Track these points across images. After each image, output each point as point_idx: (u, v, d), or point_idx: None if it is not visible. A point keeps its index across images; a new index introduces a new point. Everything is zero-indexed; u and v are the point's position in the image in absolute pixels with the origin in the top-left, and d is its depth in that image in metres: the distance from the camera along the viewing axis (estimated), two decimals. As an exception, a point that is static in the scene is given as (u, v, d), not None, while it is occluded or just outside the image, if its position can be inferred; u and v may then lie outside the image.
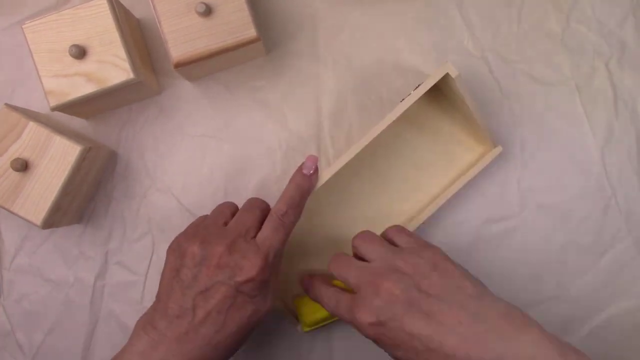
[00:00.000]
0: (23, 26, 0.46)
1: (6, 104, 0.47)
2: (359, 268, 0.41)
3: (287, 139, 0.53)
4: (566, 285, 0.53)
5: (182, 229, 0.53)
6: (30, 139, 0.46)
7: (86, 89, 0.46)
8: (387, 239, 0.44)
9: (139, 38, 0.52)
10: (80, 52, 0.46)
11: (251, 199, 0.46)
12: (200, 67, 0.49)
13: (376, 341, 0.39)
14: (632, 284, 0.52)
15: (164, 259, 0.52)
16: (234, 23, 0.46)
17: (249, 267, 0.40)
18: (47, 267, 0.53)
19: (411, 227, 0.50)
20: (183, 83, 0.53)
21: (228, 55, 0.48)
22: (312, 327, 0.49)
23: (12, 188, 0.46)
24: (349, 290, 0.42)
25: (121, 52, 0.46)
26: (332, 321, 0.49)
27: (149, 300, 0.52)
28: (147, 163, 0.53)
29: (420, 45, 0.54)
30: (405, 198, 0.52)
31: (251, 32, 0.47)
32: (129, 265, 0.53)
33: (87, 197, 0.52)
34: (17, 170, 0.45)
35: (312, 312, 0.48)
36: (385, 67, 0.53)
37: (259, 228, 0.43)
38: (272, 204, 0.46)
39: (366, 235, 0.43)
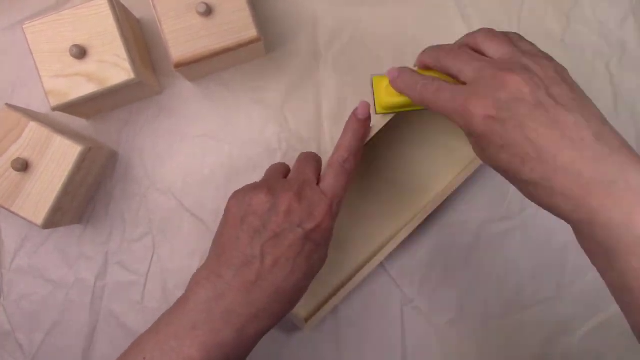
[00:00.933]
0: (23, 26, 0.46)
1: (7, 104, 0.47)
2: (481, 60, 0.37)
3: (287, 139, 0.53)
4: (566, 285, 0.53)
5: (183, 230, 0.53)
6: (31, 139, 0.46)
7: (87, 89, 0.46)
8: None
9: (140, 38, 0.52)
10: (80, 52, 0.46)
11: (303, 152, 0.45)
12: (201, 67, 0.49)
13: (481, 136, 0.36)
14: (632, 284, 0.52)
15: (164, 259, 0.53)
16: (235, 23, 0.46)
17: (318, 213, 0.40)
18: (47, 267, 0.53)
19: (418, 220, 0.50)
20: (183, 83, 0.53)
21: (228, 55, 0.48)
22: (387, 111, 0.45)
23: (12, 188, 0.46)
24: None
25: (122, 52, 0.46)
26: (410, 109, 0.45)
27: (150, 300, 0.52)
28: (147, 163, 0.53)
29: (421, 46, 0.53)
30: (409, 192, 0.52)
31: (252, 32, 0.47)
32: (129, 266, 0.53)
33: (87, 197, 0.52)
34: (17, 170, 0.45)
35: (392, 95, 0.44)
36: (384, 67, 0.53)
37: (318, 179, 0.42)
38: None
39: (489, 32, 0.39)
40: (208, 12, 0.46)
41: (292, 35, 0.53)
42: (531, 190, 0.35)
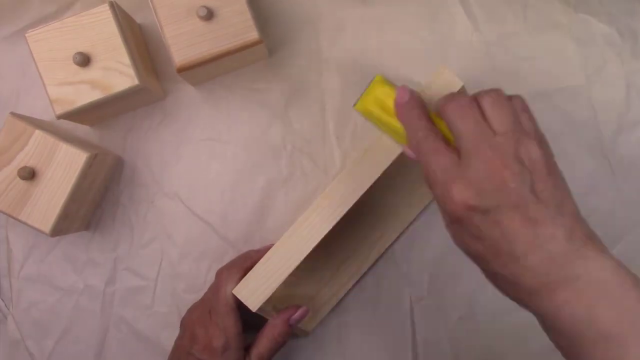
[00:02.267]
0: (26, 35, 0.46)
1: (12, 113, 0.47)
2: (483, 132, 0.35)
3: (292, 140, 0.53)
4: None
5: (191, 233, 0.53)
6: (37, 147, 0.46)
7: (91, 96, 0.46)
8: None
9: (142, 44, 0.52)
10: (84, 60, 0.46)
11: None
12: (204, 71, 0.49)
13: (456, 221, 0.35)
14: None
15: (173, 263, 0.53)
16: (236, 26, 0.46)
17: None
18: (56, 274, 0.53)
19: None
20: (187, 87, 0.53)
21: (231, 58, 0.48)
22: (364, 115, 0.42)
23: (19, 196, 0.46)
24: (445, 134, 0.37)
25: (125, 58, 0.46)
26: (385, 131, 0.41)
27: (160, 304, 0.53)
28: (153, 168, 0.53)
29: (424, 42, 0.53)
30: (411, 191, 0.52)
31: (253, 35, 0.47)
32: (138, 271, 0.53)
33: (94, 203, 0.52)
34: (24, 178, 0.46)
35: (381, 107, 0.40)
36: (388, 65, 0.53)
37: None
38: (276, 205, 0.45)
39: (496, 99, 0.36)
40: (209, 15, 0.46)
41: (294, 36, 0.53)
42: (499, 280, 0.35)
